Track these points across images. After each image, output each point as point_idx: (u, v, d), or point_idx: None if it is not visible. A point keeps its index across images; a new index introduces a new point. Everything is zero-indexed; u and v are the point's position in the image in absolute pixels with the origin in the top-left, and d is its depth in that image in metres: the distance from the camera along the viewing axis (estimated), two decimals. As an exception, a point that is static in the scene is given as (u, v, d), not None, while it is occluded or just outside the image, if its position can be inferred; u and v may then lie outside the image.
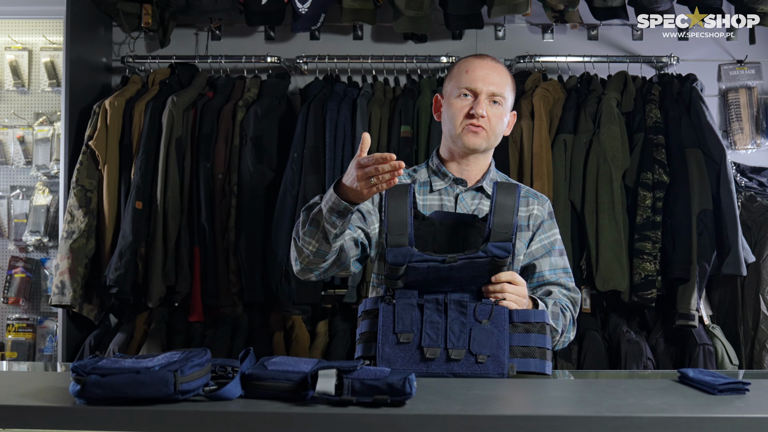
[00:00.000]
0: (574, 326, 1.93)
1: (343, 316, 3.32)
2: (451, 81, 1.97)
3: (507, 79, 1.97)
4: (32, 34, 3.66)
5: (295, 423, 1.30)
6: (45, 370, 2.17)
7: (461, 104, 1.93)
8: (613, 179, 3.06)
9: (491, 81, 1.92)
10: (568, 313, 1.91)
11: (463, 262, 1.67)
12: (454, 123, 1.93)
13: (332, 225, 1.72)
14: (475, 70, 1.93)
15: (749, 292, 3.18)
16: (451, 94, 1.96)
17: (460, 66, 1.97)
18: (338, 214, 1.71)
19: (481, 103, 1.90)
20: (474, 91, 1.92)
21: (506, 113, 1.97)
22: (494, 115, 1.92)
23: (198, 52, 3.63)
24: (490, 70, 1.94)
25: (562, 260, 1.99)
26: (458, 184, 1.97)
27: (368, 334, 1.77)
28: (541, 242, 1.96)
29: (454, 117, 1.93)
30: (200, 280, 3.17)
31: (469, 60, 1.98)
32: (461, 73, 1.95)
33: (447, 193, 1.96)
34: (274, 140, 3.24)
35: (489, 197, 1.93)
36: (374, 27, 3.60)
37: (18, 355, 3.56)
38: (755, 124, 3.49)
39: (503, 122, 1.96)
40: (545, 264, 1.94)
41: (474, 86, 1.92)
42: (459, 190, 1.96)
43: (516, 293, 1.72)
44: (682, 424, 1.28)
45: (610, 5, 3.27)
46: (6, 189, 3.67)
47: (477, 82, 1.92)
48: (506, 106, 1.96)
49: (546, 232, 1.97)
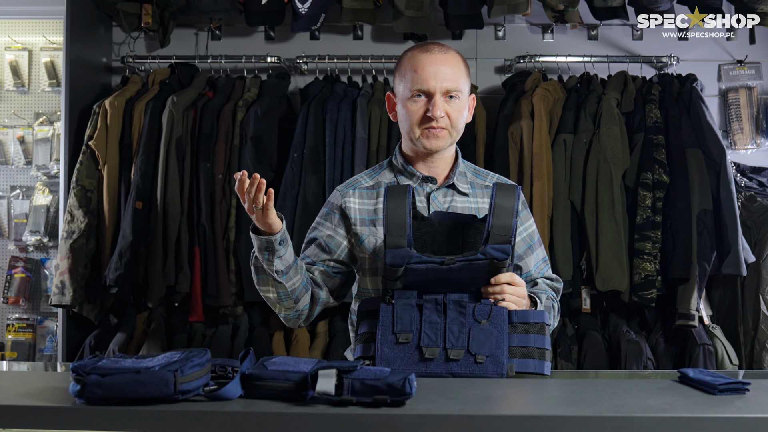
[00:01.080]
0: (558, 315, 1.96)
1: (343, 316, 3.31)
2: (402, 81, 1.86)
3: (459, 68, 1.85)
4: (32, 34, 3.66)
5: (295, 423, 1.30)
6: (45, 370, 2.17)
7: (415, 107, 1.83)
8: (613, 179, 3.06)
9: (443, 77, 1.81)
10: (556, 304, 1.93)
11: (462, 264, 1.66)
12: (411, 127, 1.85)
13: (269, 263, 1.75)
14: (424, 67, 1.81)
15: (749, 292, 3.18)
16: (403, 96, 1.86)
17: (408, 63, 1.85)
18: (267, 251, 1.74)
19: (437, 104, 1.81)
20: (427, 92, 1.82)
21: (465, 104, 1.87)
22: (453, 110, 1.83)
23: (198, 52, 3.63)
24: (440, 65, 1.82)
25: (542, 251, 1.98)
26: (427, 182, 1.91)
27: (367, 335, 1.77)
28: (521, 235, 1.93)
29: (410, 121, 1.84)
30: (200, 280, 3.17)
31: (415, 55, 1.85)
32: (410, 72, 1.83)
33: (417, 193, 1.89)
34: (274, 140, 3.24)
35: (461, 194, 1.91)
36: (374, 27, 3.60)
37: (18, 355, 3.56)
38: (755, 124, 3.49)
39: (464, 114, 1.87)
40: (531, 262, 1.94)
41: (426, 87, 1.81)
42: (429, 188, 1.90)
43: (516, 294, 1.72)
44: (682, 424, 1.28)
45: (610, 5, 3.27)
46: (6, 189, 3.67)
47: (429, 81, 1.81)
48: (464, 97, 1.86)
49: (523, 224, 1.95)
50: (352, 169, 3.14)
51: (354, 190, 1.94)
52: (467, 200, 1.91)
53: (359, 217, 1.91)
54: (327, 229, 1.93)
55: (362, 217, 1.91)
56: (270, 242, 1.72)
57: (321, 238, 1.92)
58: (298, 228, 3.08)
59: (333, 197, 1.97)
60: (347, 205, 1.92)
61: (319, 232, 1.93)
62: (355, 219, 1.91)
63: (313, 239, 1.94)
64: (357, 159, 3.15)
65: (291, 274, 1.80)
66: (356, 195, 1.93)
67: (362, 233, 1.90)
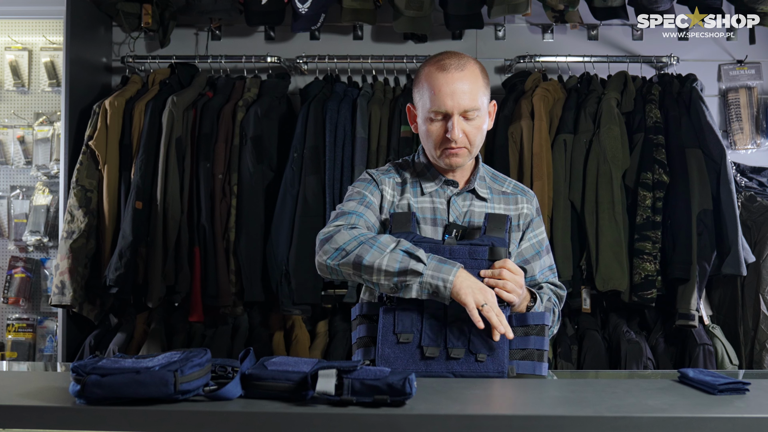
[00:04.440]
0: (558, 322, 1.96)
1: (343, 316, 3.32)
2: (420, 98, 1.86)
3: (477, 82, 1.83)
4: (32, 34, 3.66)
5: (295, 423, 1.30)
6: (45, 370, 2.17)
7: (434, 128, 1.83)
8: (613, 179, 3.06)
9: (460, 97, 1.80)
10: (557, 309, 1.93)
11: (463, 245, 1.74)
12: (431, 146, 1.86)
13: (419, 295, 1.69)
14: (441, 87, 1.80)
15: (749, 292, 3.18)
16: (422, 114, 1.86)
17: (425, 81, 1.84)
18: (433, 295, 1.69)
19: (455, 126, 1.80)
20: (445, 113, 1.81)
21: (484, 118, 1.87)
22: (471, 128, 1.83)
23: (198, 52, 3.63)
24: (458, 83, 1.80)
25: (549, 258, 1.99)
26: (449, 185, 1.92)
27: (366, 339, 1.77)
28: (530, 241, 1.94)
29: (430, 141, 1.85)
30: (200, 280, 3.17)
31: (432, 74, 1.83)
32: (428, 91, 1.83)
33: (438, 195, 1.91)
34: (274, 140, 3.24)
35: (480, 198, 1.92)
36: (374, 27, 3.60)
37: (18, 355, 3.56)
38: (755, 124, 3.49)
39: (483, 130, 1.88)
40: (536, 267, 1.94)
41: (444, 108, 1.80)
42: (450, 192, 1.92)
43: (513, 281, 1.72)
44: (682, 424, 1.28)
45: (610, 5, 3.27)
46: (6, 189, 3.67)
47: (446, 103, 1.80)
48: (483, 112, 1.86)
49: (534, 230, 1.96)
50: (352, 169, 3.14)
51: (389, 179, 1.94)
52: (485, 205, 1.92)
53: (387, 208, 1.91)
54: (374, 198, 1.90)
55: (389, 209, 1.91)
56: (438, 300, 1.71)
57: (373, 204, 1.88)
58: (298, 228, 3.08)
59: (372, 176, 1.94)
60: (384, 195, 1.91)
61: (370, 200, 1.88)
62: (385, 209, 1.91)
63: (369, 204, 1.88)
64: (357, 159, 3.15)
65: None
66: (390, 185, 1.93)
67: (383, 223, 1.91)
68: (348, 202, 1.88)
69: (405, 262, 1.68)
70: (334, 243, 1.75)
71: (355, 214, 1.83)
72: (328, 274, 1.80)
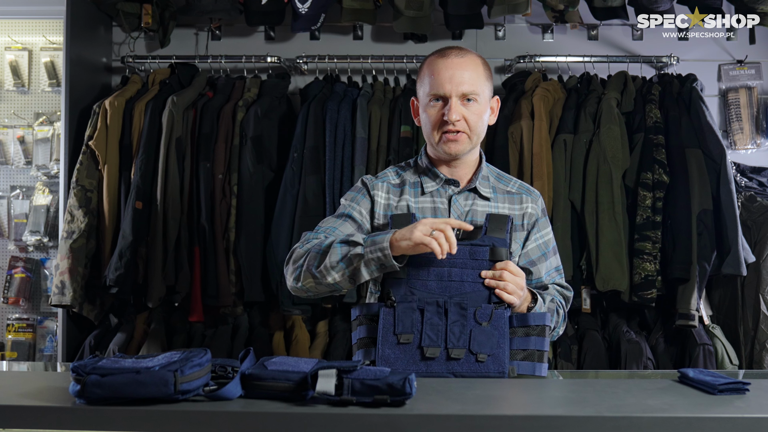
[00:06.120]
0: (564, 323, 1.95)
1: (343, 316, 3.31)
2: (421, 86, 1.89)
3: (477, 71, 1.86)
4: (32, 34, 3.66)
5: (295, 423, 1.30)
6: (45, 370, 2.17)
7: (433, 111, 1.85)
8: (613, 179, 3.06)
9: (459, 81, 1.82)
10: (562, 310, 1.92)
11: (463, 244, 1.74)
12: (429, 131, 1.87)
13: (370, 274, 1.72)
14: (440, 72, 1.83)
15: (749, 292, 3.18)
16: (422, 101, 1.88)
17: (426, 69, 1.88)
18: (380, 268, 1.71)
19: (453, 108, 1.81)
20: (443, 96, 1.83)
21: (485, 108, 1.88)
22: (470, 114, 1.84)
23: (198, 52, 3.63)
24: (457, 69, 1.83)
25: (556, 259, 1.98)
26: (450, 184, 1.92)
27: (366, 340, 1.77)
28: (536, 242, 1.94)
29: (429, 125, 1.86)
30: (200, 280, 3.17)
31: (433, 61, 1.87)
32: (428, 77, 1.86)
33: (439, 194, 1.91)
34: (274, 140, 3.24)
35: (483, 198, 1.91)
36: (374, 27, 3.60)
37: (18, 355, 3.56)
38: (755, 124, 3.49)
39: (483, 118, 1.88)
40: (543, 269, 1.93)
41: (442, 91, 1.82)
42: (452, 191, 1.91)
43: (514, 283, 1.72)
44: (682, 424, 1.28)
45: (610, 5, 3.27)
46: (6, 189, 3.67)
47: (444, 86, 1.82)
48: (483, 100, 1.86)
49: (540, 231, 1.95)
50: (352, 169, 3.14)
51: (383, 183, 1.95)
52: (488, 204, 1.91)
53: (382, 213, 1.92)
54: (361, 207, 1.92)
55: (385, 212, 1.92)
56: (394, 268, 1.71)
57: (356, 218, 1.91)
58: (298, 228, 3.08)
59: (363, 184, 1.96)
60: (376, 199, 1.93)
61: (352, 210, 1.92)
62: (379, 213, 1.92)
63: (347, 215, 1.91)
64: (357, 159, 3.15)
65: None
66: (384, 189, 1.94)
67: (380, 228, 1.91)
68: (327, 218, 1.94)
69: (345, 251, 1.72)
70: (291, 264, 1.83)
71: (324, 231, 1.87)
72: (303, 293, 1.85)
